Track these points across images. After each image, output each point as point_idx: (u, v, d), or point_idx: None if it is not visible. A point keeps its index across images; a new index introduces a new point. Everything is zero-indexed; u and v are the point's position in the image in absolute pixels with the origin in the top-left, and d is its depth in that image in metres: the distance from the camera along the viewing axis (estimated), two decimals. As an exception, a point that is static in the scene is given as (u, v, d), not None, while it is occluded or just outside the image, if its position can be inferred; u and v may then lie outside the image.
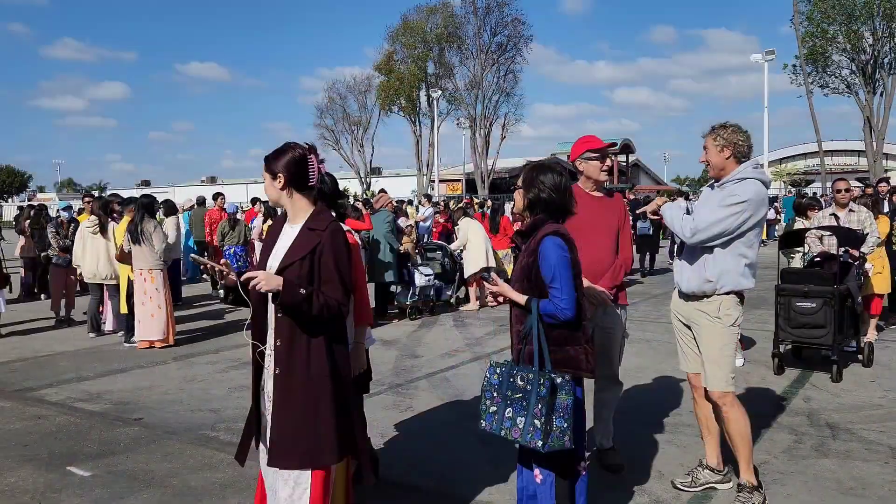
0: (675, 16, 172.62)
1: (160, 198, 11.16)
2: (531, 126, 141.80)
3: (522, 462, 3.02)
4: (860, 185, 12.08)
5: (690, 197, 17.28)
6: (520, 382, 2.81)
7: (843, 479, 4.06)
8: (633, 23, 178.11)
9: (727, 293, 3.65)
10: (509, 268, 10.66)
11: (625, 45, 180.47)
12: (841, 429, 4.93)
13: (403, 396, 5.95)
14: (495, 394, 2.86)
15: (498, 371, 2.88)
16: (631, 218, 5.59)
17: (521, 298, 2.91)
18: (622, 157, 60.86)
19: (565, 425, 2.75)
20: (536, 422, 2.73)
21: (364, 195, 41.06)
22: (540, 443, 2.72)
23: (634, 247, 6.25)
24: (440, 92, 41.93)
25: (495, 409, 2.84)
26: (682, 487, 3.94)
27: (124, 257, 8.05)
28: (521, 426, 2.75)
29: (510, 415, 2.79)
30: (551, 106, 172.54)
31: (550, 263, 2.85)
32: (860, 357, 6.67)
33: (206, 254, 12.90)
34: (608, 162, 4.11)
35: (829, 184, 27.25)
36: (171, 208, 11.80)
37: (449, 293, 10.90)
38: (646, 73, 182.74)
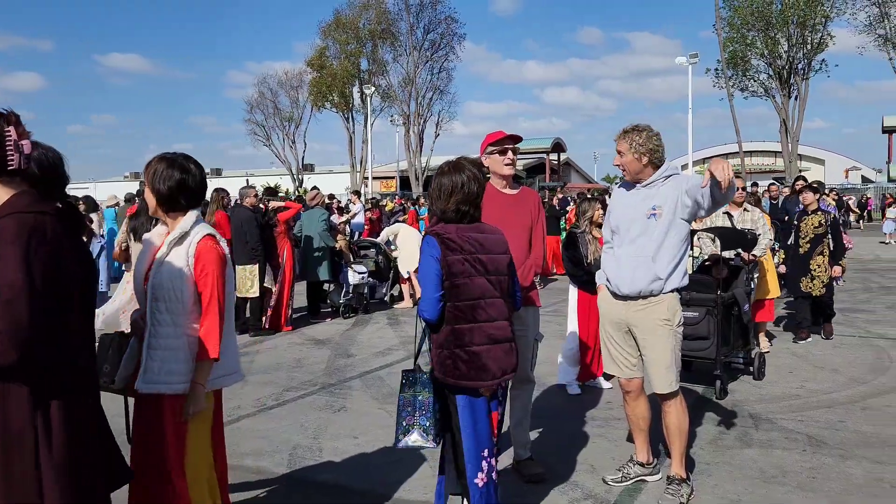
0: (602, 18, 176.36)
1: (79, 194, 10.68)
2: (464, 124, 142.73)
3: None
4: (778, 184, 12.53)
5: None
6: (420, 378, 3.02)
7: (765, 468, 4.21)
8: (562, 24, 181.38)
9: (670, 292, 3.66)
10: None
11: (554, 45, 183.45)
12: (762, 419, 5.12)
13: (336, 396, 5.85)
14: (402, 402, 3.04)
15: (404, 381, 3.05)
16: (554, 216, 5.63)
17: None
18: (553, 156, 61.96)
19: (427, 423, 2.86)
20: (403, 422, 2.92)
21: (297, 192, 40.42)
22: (398, 439, 2.93)
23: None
24: (373, 89, 41.59)
25: (408, 415, 3.00)
26: (612, 483, 3.97)
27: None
28: (426, 425, 2.93)
29: (417, 418, 2.96)
30: (484, 104, 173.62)
31: (420, 264, 2.94)
32: (751, 369, 6.18)
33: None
34: (510, 155, 3.96)
35: (748, 183, 28.36)
36: (92, 205, 11.30)
37: (383, 291, 10.82)
38: (575, 74, 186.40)
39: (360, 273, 9.91)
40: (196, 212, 2.81)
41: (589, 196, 7.09)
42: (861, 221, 30.54)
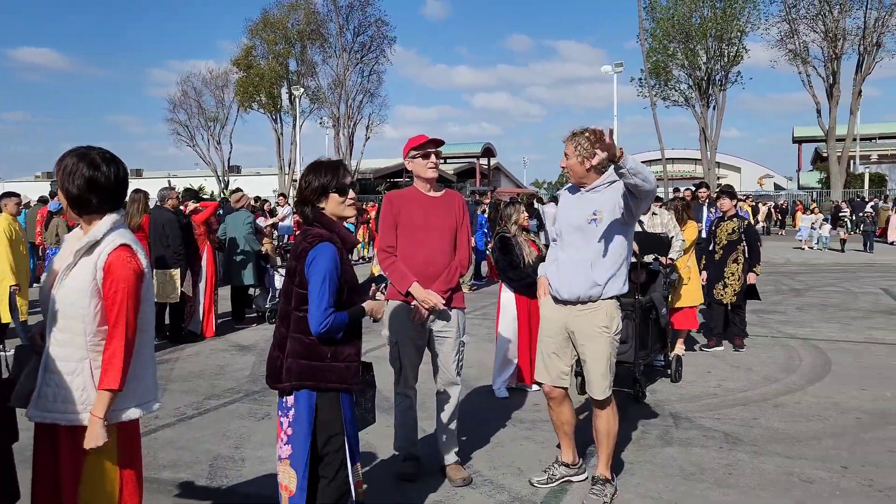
0: (530, 26, 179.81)
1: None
2: (395, 127, 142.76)
3: None
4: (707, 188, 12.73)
5: (545, 201, 17.90)
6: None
7: (685, 466, 4.33)
8: (492, 30, 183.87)
9: (609, 298, 3.68)
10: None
11: (484, 51, 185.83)
12: (682, 418, 5.27)
13: (260, 404, 5.71)
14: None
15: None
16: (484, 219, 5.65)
17: None
18: (484, 161, 62.55)
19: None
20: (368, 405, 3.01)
21: (222, 194, 39.42)
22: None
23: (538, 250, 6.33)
24: (302, 90, 41.01)
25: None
26: (538, 485, 4.00)
27: None
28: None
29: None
30: (414, 108, 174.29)
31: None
32: (668, 372, 6.33)
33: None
34: (433, 159, 3.93)
35: (670, 189, 29.36)
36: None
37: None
38: (504, 80, 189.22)
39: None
40: (115, 216, 2.48)
41: (513, 200, 7.13)
42: (780, 227, 32.00)
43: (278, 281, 9.57)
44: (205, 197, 19.34)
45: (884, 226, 26.59)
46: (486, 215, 14.28)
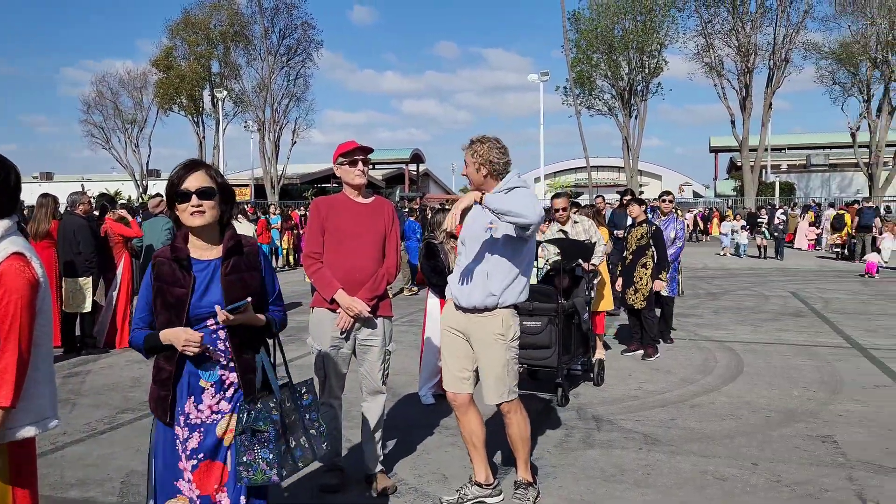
0: (458, 34, 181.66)
1: None
2: (322, 132, 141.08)
3: None
4: (602, 197, 13.05)
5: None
6: (287, 405, 2.62)
7: (606, 467, 4.41)
8: (420, 37, 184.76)
9: (507, 307, 3.69)
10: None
11: (412, 57, 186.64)
12: (604, 420, 5.38)
13: (178, 417, 5.50)
14: (258, 433, 2.49)
15: (249, 407, 2.51)
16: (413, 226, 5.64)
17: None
18: (412, 167, 62.62)
19: (270, 456, 2.50)
20: (313, 431, 2.67)
21: (139, 199, 38.04)
22: (325, 445, 2.70)
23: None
24: (226, 92, 40.07)
25: (265, 449, 2.49)
26: None
27: None
28: (306, 445, 2.64)
29: (293, 444, 2.58)
30: (342, 113, 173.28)
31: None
32: (591, 376, 6.43)
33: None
34: (360, 166, 3.89)
35: (595, 196, 30.07)
36: None
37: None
38: (433, 86, 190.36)
39: (208, 285, 9.43)
40: (6, 223, 2.30)
41: (442, 207, 7.13)
42: (703, 235, 33.18)
43: (199, 289, 9.28)
44: (122, 202, 18.62)
45: (793, 232, 28.02)
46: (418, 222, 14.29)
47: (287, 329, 2.91)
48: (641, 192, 11.57)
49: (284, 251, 18.81)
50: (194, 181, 2.54)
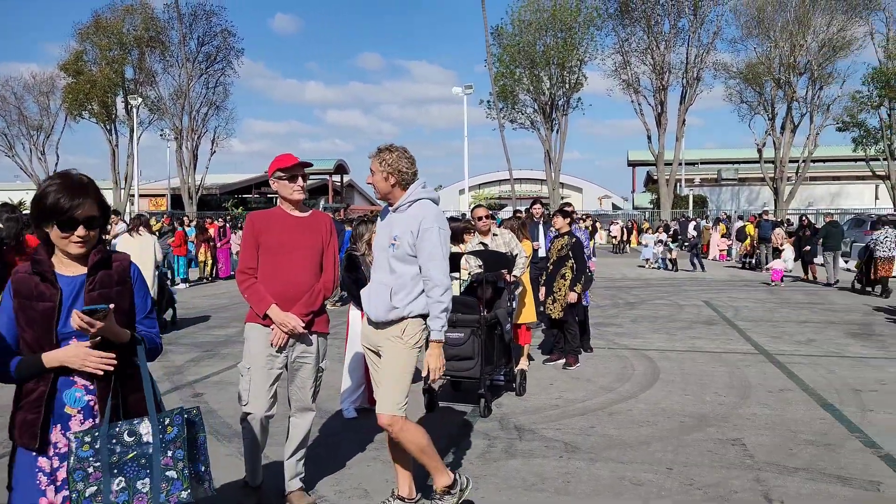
0: (382, 45, 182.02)
1: None
2: (242, 141, 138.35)
3: None
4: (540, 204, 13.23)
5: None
6: (127, 438, 2.29)
7: (527, 477, 4.44)
8: (343, 47, 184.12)
9: (415, 317, 3.63)
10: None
11: (335, 68, 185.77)
12: (526, 430, 5.43)
13: (85, 438, 5.22)
14: (91, 469, 2.22)
15: (88, 440, 2.25)
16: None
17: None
18: (336, 178, 62.07)
19: (203, 469, 2.39)
20: (171, 472, 2.29)
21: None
22: (184, 494, 2.30)
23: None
24: (140, 99, 38.67)
25: (95, 487, 2.22)
26: None
27: None
28: (146, 490, 2.27)
29: (122, 485, 2.24)
30: (264, 122, 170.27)
31: None
32: (513, 386, 6.48)
33: None
34: (300, 182, 3.85)
35: (518, 207, 30.55)
36: None
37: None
38: (357, 97, 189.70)
39: (119, 299, 9.02)
40: None
41: (365, 218, 7.06)
42: (626, 246, 34.09)
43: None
44: (25, 212, 17.62)
45: (706, 244, 29.22)
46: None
47: (203, 343, 2.80)
48: (569, 205, 11.65)
49: (201, 264, 18.22)
50: (83, 210, 2.31)
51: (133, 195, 39.08)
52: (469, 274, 6.90)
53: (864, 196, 48.00)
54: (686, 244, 22.03)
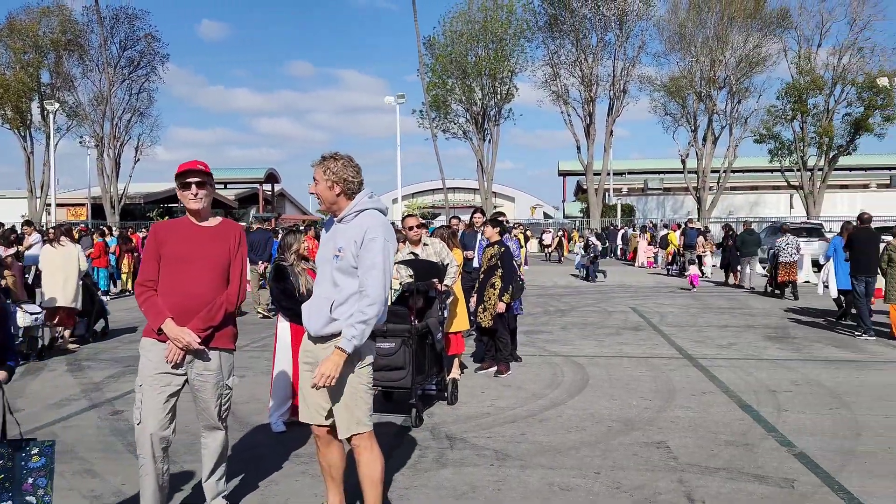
0: (312, 53, 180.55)
1: None
2: (168, 150, 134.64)
3: None
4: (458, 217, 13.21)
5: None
6: None
7: (458, 486, 4.44)
8: (273, 55, 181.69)
9: None
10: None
11: (265, 75, 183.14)
12: (457, 438, 5.42)
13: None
14: None
15: None
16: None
17: None
18: (267, 186, 61.00)
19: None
20: (31, 498, 2.27)
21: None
22: None
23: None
24: (58, 105, 37.04)
25: None
26: None
27: None
28: None
29: None
30: (191, 130, 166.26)
31: None
32: (445, 395, 6.47)
33: None
34: (193, 190, 3.66)
35: (451, 217, 30.65)
36: None
37: (66, 334, 9.52)
38: (287, 105, 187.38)
39: (33, 314, 8.61)
40: None
41: (294, 228, 6.94)
42: (560, 256, 34.52)
43: (22, 318, 8.44)
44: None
45: (633, 251, 30.04)
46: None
47: (123, 358, 2.68)
48: (503, 215, 11.72)
49: (124, 276, 17.55)
50: None
51: (49, 204, 37.37)
52: (400, 284, 6.86)
53: (780, 205, 50.27)
54: (592, 253, 21.59)
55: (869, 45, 37.31)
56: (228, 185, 58.64)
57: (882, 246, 10.39)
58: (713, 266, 22.38)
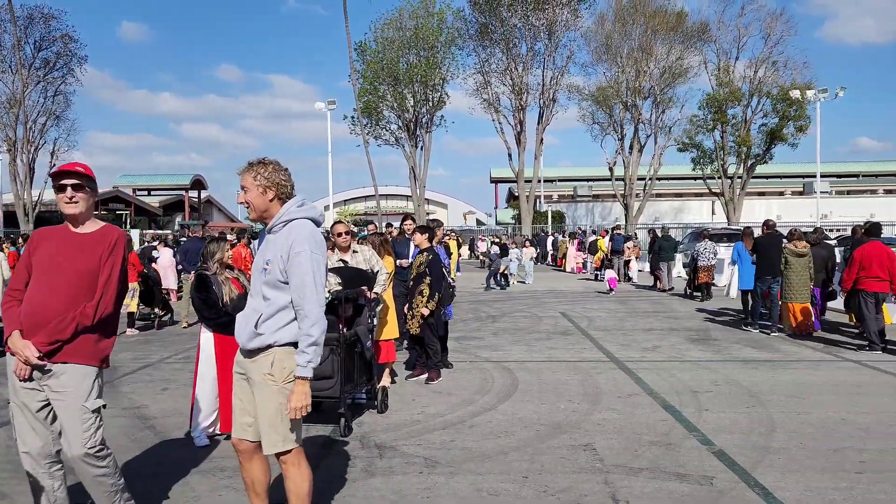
0: (240, 57, 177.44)
1: None
2: (86, 155, 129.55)
3: None
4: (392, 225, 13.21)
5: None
6: None
7: (387, 495, 4.40)
8: (198, 58, 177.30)
9: (283, 346, 3.36)
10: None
11: (190, 79, 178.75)
12: (387, 447, 5.38)
13: None
14: None
15: None
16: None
17: None
18: (193, 193, 59.41)
19: None
20: None
21: None
22: None
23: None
24: (-34, 107, 35.16)
25: None
26: None
27: None
28: None
29: None
30: (110, 134, 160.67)
31: None
32: (375, 403, 6.44)
33: None
34: (69, 192, 3.45)
35: (384, 224, 30.55)
36: None
37: None
38: (214, 110, 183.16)
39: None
40: None
41: (217, 237, 6.76)
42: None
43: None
44: None
45: (563, 257, 30.60)
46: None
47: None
48: (437, 221, 11.73)
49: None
50: None
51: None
52: (329, 292, 6.77)
53: (703, 211, 52.27)
54: (488, 258, 21.49)
55: (782, 59, 39.35)
56: (153, 192, 56.84)
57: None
58: (639, 271, 23.11)
